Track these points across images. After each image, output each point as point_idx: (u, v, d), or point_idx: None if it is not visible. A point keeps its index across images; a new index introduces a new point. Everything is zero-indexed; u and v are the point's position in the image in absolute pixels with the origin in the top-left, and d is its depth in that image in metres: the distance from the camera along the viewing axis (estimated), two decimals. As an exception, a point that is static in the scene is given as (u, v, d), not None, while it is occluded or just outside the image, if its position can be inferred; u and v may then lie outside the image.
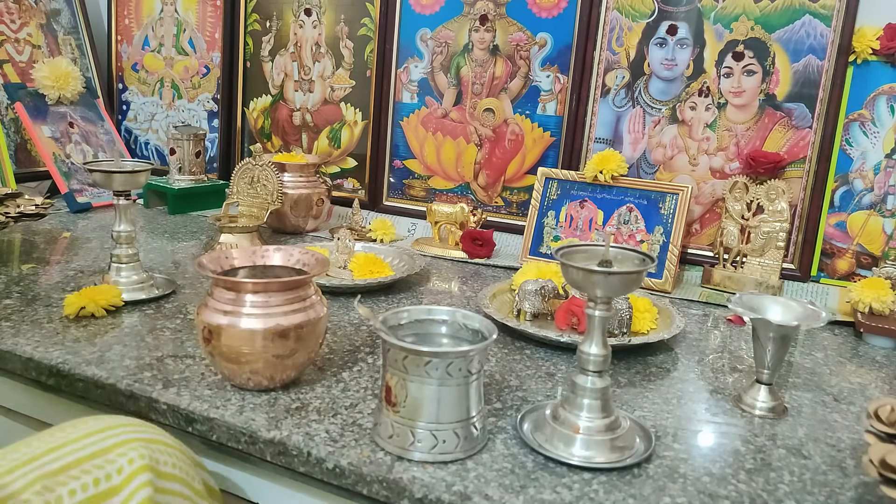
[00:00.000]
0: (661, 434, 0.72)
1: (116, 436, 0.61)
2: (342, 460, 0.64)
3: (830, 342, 1.02)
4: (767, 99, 1.23)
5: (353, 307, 1.03)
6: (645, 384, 0.84)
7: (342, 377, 0.80)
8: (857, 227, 1.19)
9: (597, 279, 0.63)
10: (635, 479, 0.64)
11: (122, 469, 0.59)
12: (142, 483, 0.59)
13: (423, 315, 0.72)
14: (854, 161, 1.19)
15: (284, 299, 0.73)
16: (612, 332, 0.93)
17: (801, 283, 1.21)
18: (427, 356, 0.62)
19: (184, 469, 0.64)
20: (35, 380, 0.83)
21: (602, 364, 0.67)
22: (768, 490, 0.63)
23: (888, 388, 0.88)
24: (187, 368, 0.80)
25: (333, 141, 1.63)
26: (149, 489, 0.59)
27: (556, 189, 1.32)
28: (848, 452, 0.71)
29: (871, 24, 1.16)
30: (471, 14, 1.44)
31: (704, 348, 0.97)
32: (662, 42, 1.29)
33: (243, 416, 0.70)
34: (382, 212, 1.56)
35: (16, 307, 0.96)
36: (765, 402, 0.78)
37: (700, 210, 1.30)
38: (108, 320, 0.93)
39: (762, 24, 1.22)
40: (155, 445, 0.63)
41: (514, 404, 0.76)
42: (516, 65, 1.42)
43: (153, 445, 0.62)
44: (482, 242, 1.33)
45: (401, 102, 1.53)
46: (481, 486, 0.61)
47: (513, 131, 1.44)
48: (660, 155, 1.31)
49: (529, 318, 1.00)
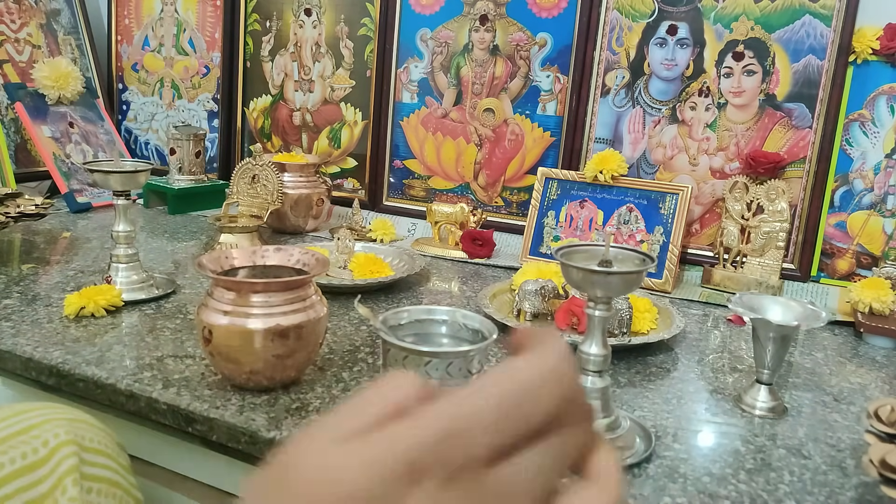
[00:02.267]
0: (661, 434, 0.72)
1: (40, 416, 0.64)
2: (342, 460, 0.64)
3: (830, 342, 1.02)
4: (767, 99, 1.23)
5: (353, 307, 1.03)
6: (645, 384, 0.84)
7: (342, 377, 0.80)
8: (857, 227, 1.19)
9: (597, 279, 0.63)
10: (635, 479, 0.64)
11: (48, 442, 0.62)
12: (67, 454, 0.62)
13: (423, 315, 0.72)
14: (854, 161, 1.19)
15: (284, 299, 0.73)
16: (612, 332, 0.93)
17: (801, 283, 1.21)
18: (427, 356, 0.62)
19: (109, 446, 0.68)
20: (35, 380, 0.83)
21: (602, 364, 0.67)
22: (768, 490, 0.63)
23: (888, 388, 0.88)
24: (187, 368, 0.80)
25: (333, 141, 1.63)
26: (74, 459, 0.62)
27: (556, 189, 1.32)
28: (848, 452, 0.71)
29: (871, 24, 1.16)
30: (471, 14, 1.44)
31: (704, 348, 0.97)
32: (662, 42, 1.29)
33: (243, 416, 0.70)
34: (382, 212, 1.56)
35: (16, 307, 0.96)
36: (765, 402, 0.78)
37: (700, 210, 1.30)
38: (108, 320, 0.93)
39: (762, 24, 1.22)
40: (78, 423, 0.66)
41: (514, 404, 0.76)
42: (516, 65, 1.42)
43: (77, 423, 0.66)
44: (482, 242, 1.33)
45: (401, 102, 1.53)
46: (481, 486, 0.61)
47: (513, 131, 1.44)
48: (660, 155, 1.31)
49: (529, 318, 1.00)
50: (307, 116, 1.65)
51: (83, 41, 1.82)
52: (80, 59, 1.81)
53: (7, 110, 1.63)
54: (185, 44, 1.79)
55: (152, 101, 1.86)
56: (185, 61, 1.80)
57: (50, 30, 1.76)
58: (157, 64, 1.84)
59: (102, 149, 1.69)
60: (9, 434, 0.62)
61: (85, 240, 1.33)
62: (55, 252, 1.24)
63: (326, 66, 1.61)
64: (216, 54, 1.74)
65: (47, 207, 1.22)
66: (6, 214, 1.16)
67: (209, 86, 1.77)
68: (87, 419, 0.68)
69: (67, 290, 1.02)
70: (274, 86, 1.68)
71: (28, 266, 1.14)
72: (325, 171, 1.61)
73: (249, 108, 1.72)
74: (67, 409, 0.68)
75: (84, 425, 0.67)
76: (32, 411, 0.65)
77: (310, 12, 1.61)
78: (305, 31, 1.62)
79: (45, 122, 1.61)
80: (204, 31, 1.76)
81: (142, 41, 1.85)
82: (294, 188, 1.41)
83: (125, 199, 1.00)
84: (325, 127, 1.63)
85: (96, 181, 1.00)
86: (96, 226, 1.43)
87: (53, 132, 1.61)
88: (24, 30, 1.71)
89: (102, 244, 1.29)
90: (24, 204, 1.21)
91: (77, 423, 0.66)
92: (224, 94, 1.73)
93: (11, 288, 1.04)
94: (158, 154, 1.86)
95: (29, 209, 1.19)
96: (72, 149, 1.62)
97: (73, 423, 0.65)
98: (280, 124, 1.69)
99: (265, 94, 1.70)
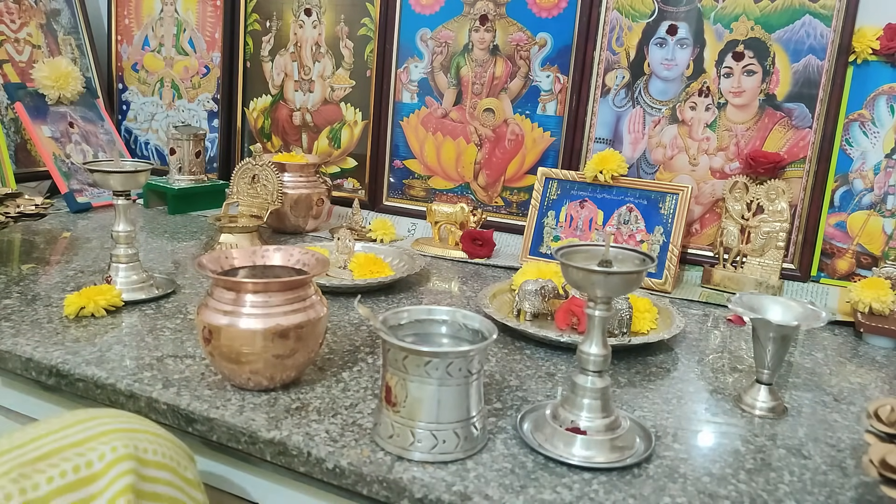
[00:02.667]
0: (661, 434, 0.72)
1: (99, 426, 0.61)
2: (342, 460, 0.64)
3: (830, 342, 1.02)
4: (767, 99, 1.23)
5: (353, 307, 1.03)
6: (645, 384, 0.84)
7: (342, 377, 0.80)
8: (857, 227, 1.19)
9: (597, 279, 0.63)
10: (635, 479, 0.64)
11: (104, 456, 0.58)
12: (124, 471, 0.58)
13: (423, 315, 0.72)
14: (854, 161, 1.19)
15: (284, 299, 0.73)
16: (612, 332, 0.93)
17: (801, 283, 1.21)
18: (427, 356, 0.62)
19: (173, 458, 0.64)
20: (35, 380, 0.83)
21: (602, 364, 0.67)
22: (768, 490, 0.63)
23: (888, 388, 0.88)
24: (187, 368, 0.80)
25: (333, 141, 1.63)
26: (132, 476, 0.59)
27: (556, 189, 1.32)
28: (848, 452, 0.71)
29: (871, 24, 1.16)
30: (471, 14, 1.44)
31: (704, 348, 0.97)
32: (662, 42, 1.29)
33: (243, 416, 0.70)
34: (382, 212, 1.56)
35: (16, 307, 0.96)
36: (765, 402, 0.78)
37: (700, 210, 1.30)
38: (108, 320, 0.93)
39: (762, 24, 1.22)
40: (139, 435, 0.62)
41: (514, 404, 0.76)
42: (516, 65, 1.42)
43: (137, 435, 0.62)
44: (482, 242, 1.33)
45: (401, 102, 1.53)
46: (481, 486, 0.61)
47: (513, 131, 1.44)
48: (660, 155, 1.31)
49: (529, 318, 1.00)
50: (307, 116, 1.65)
51: (83, 41, 1.82)
52: (80, 59, 1.81)
53: (7, 110, 1.63)
54: (185, 44, 1.79)
55: (152, 101, 1.86)
56: (185, 61, 1.80)
57: (50, 30, 1.76)
58: (157, 64, 1.84)
59: (102, 149, 1.69)
60: (63, 445, 0.58)
61: (85, 240, 1.33)
62: (55, 252, 1.24)
63: (326, 66, 1.61)
64: (216, 54, 1.74)
65: (47, 207, 1.22)
66: (6, 214, 1.16)
67: (209, 86, 1.77)
68: (151, 429, 0.64)
69: (67, 290, 1.03)
70: (274, 86, 1.68)
71: (28, 266, 1.14)
72: (325, 171, 1.61)
73: (249, 108, 1.72)
74: (131, 418, 0.65)
75: (147, 436, 0.63)
76: (92, 420, 0.62)
77: (310, 12, 1.61)
78: (305, 31, 1.62)
79: (45, 122, 1.61)
80: (204, 31, 1.76)
81: (142, 41, 1.85)
82: (294, 188, 1.41)
83: (125, 199, 1.00)
84: (325, 127, 1.63)
85: (96, 181, 1.00)
86: (96, 226, 1.43)
87: (53, 132, 1.61)
88: (24, 30, 1.71)
89: (102, 244, 1.29)
90: (24, 204, 1.21)
91: (139, 434, 0.62)
92: (224, 94, 1.73)
93: (11, 288, 1.04)
94: (158, 154, 1.86)
95: (29, 209, 1.19)
96: (72, 149, 1.62)
97: (133, 435, 0.62)
98: (280, 124, 1.69)
99: (265, 94, 1.70)
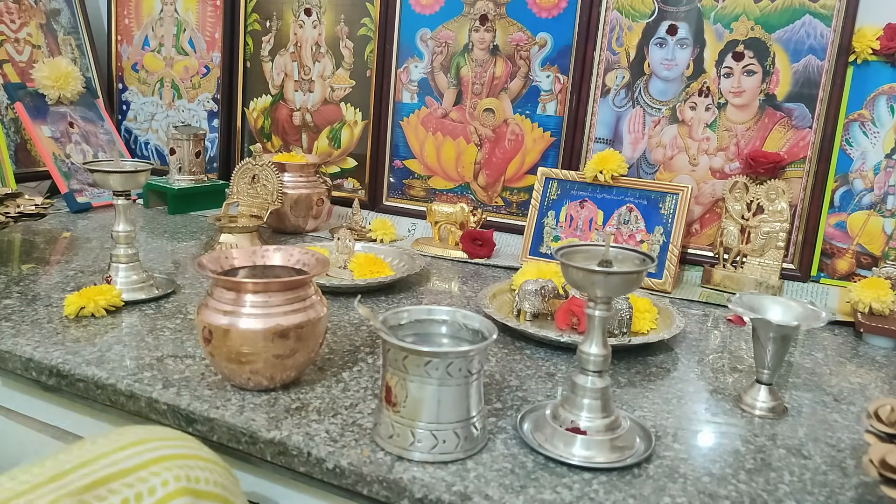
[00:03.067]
0: (661, 434, 0.72)
1: (151, 450, 0.57)
2: (342, 460, 0.64)
3: (830, 342, 1.02)
4: (767, 99, 1.23)
5: (353, 307, 1.03)
6: (645, 384, 0.84)
7: (342, 377, 0.80)
8: (857, 227, 1.19)
9: (597, 279, 0.63)
10: (635, 479, 0.64)
11: (155, 490, 0.54)
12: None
13: (423, 315, 0.72)
14: (854, 161, 1.19)
15: (284, 299, 0.73)
16: (612, 332, 0.93)
17: (801, 283, 1.21)
18: (427, 356, 0.62)
19: (226, 487, 0.59)
20: (35, 380, 0.83)
21: (602, 364, 0.67)
22: (768, 490, 0.63)
23: (888, 388, 0.88)
24: (187, 368, 0.80)
25: (333, 141, 1.63)
26: None
27: (556, 189, 1.32)
28: (848, 452, 0.71)
29: (871, 24, 1.16)
30: (471, 14, 1.44)
31: (704, 348, 0.97)
32: (662, 42, 1.29)
33: (243, 416, 0.70)
34: (382, 212, 1.56)
35: (16, 307, 0.96)
36: (765, 402, 0.78)
37: (700, 210, 1.30)
38: (108, 320, 0.93)
39: (762, 24, 1.22)
40: (193, 461, 0.58)
41: (514, 404, 0.76)
42: (516, 65, 1.42)
43: (190, 462, 0.58)
44: (482, 242, 1.33)
45: (401, 102, 1.53)
46: (481, 486, 0.61)
47: (513, 131, 1.44)
48: (660, 155, 1.31)
49: (529, 318, 1.00)
50: (307, 116, 1.65)
51: (83, 41, 1.82)
52: (80, 59, 1.81)
53: (7, 110, 1.63)
54: (185, 44, 1.79)
55: (152, 101, 1.86)
56: (185, 61, 1.80)
57: (50, 30, 1.76)
58: (157, 64, 1.84)
59: (102, 149, 1.69)
60: (112, 473, 0.54)
61: (85, 240, 1.33)
62: (55, 252, 1.24)
63: (326, 66, 1.61)
64: (216, 54, 1.74)
65: (47, 207, 1.22)
66: (6, 214, 1.16)
67: (209, 86, 1.77)
68: (202, 454, 0.60)
69: (67, 290, 1.03)
70: (274, 86, 1.68)
71: (28, 266, 1.14)
72: (325, 171, 1.61)
73: (249, 108, 1.72)
74: (180, 439, 0.60)
75: (200, 463, 0.58)
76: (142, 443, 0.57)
77: (310, 12, 1.61)
78: (305, 31, 1.62)
79: (45, 122, 1.61)
80: (204, 31, 1.76)
81: (142, 41, 1.85)
82: (294, 188, 1.41)
83: (125, 199, 1.00)
84: (325, 127, 1.63)
85: (96, 181, 1.00)
86: (96, 226, 1.43)
87: (53, 132, 1.61)
88: (24, 30, 1.71)
89: (102, 244, 1.29)
90: (24, 204, 1.21)
91: (191, 461, 0.57)
92: (224, 94, 1.73)
93: (11, 288, 1.04)
94: (158, 154, 1.86)
95: (29, 209, 1.19)
96: (72, 149, 1.62)
97: (185, 462, 0.57)
98: (280, 124, 1.69)
99: (265, 94, 1.70)
